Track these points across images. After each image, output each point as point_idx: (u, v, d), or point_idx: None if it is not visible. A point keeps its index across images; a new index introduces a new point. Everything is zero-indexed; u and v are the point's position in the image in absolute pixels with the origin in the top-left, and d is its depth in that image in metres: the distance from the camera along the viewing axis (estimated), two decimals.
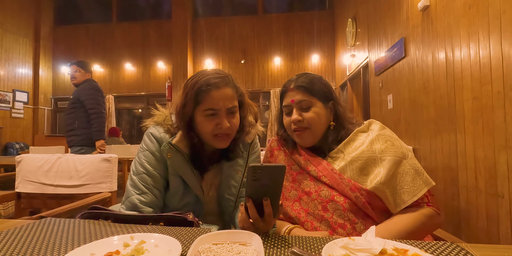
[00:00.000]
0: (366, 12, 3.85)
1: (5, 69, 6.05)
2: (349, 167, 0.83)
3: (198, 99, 0.80)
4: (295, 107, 0.89)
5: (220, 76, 0.82)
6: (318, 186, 0.84)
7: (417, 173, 0.81)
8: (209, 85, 0.79)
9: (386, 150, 0.82)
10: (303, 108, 0.88)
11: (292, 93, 0.90)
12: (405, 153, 0.83)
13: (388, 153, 0.82)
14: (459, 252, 0.53)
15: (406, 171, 0.81)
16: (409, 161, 0.82)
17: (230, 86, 0.83)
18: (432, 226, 0.82)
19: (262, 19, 6.74)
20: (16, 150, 5.78)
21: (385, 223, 0.77)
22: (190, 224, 0.72)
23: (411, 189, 0.79)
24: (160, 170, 0.86)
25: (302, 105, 0.88)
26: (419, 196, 0.79)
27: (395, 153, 0.82)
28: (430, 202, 0.82)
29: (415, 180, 0.80)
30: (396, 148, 0.83)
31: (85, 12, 7.49)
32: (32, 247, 0.55)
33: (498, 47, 1.39)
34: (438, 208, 0.81)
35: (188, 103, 0.81)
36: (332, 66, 6.39)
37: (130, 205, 0.82)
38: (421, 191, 0.79)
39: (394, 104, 2.89)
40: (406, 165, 0.82)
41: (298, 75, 0.94)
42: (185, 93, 0.82)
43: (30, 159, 1.60)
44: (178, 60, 6.32)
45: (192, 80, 0.82)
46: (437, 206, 0.82)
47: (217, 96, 0.80)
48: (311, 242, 0.59)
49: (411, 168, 0.81)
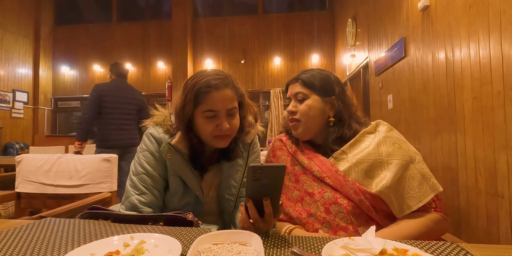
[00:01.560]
0: (366, 12, 3.85)
1: (5, 69, 6.05)
2: (354, 169, 0.81)
3: (197, 100, 0.80)
4: (293, 99, 0.92)
5: (220, 77, 0.81)
6: (322, 187, 0.83)
7: (424, 178, 0.80)
8: (209, 86, 0.79)
9: (393, 153, 0.81)
10: (299, 100, 0.90)
11: (292, 86, 0.93)
12: (412, 157, 0.82)
13: (395, 156, 0.80)
14: (459, 252, 0.53)
15: (412, 175, 0.80)
16: (416, 165, 0.81)
17: (230, 87, 0.82)
18: (439, 231, 0.80)
19: (262, 19, 6.74)
20: (16, 150, 5.78)
21: (391, 227, 0.75)
22: (189, 224, 0.72)
23: (417, 194, 0.78)
24: (160, 170, 0.86)
25: (297, 97, 0.90)
26: (424, 202, 0.78)
27: (402, 156, 0.80)
28: (438, 207, 0.80)
29: (421, 186, 0.79)
30: (404, 152, 0.82)
31: (85, 12, 7.49)
32: (32, 247, 0.55)
33: (498, 47, 1.39)
34: (445, 213, 0.80)
35: (188, 104, 0.81)
36: (332, 66, 6.39)
37: (129, 205, 0.82)
38: (427, 197, 0.78)
39: (394, 104, 2.89)
40: (413, 170, 0.80)
41: (304, 70, 0.95)
42: (184, 94, 0.82)
43: (30, 159, 1.60)
44: (178, 60, 6.32)
45: (192, 80, 0.82)
46: (444, 212, 0.81)
47: (217, 97, 0.79)
48: (311, 242, 0.59)
49: (417, 173, 0.80)
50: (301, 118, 0.89)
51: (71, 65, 7.19)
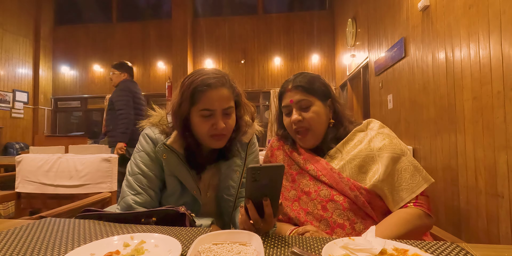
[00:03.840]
0: (366, 12, 3.85)
1: (5, 69, 6.05)
2: (347, 166, 0.83)
3: (194, 98, 0.80)
4: (294, 107, 0.89)
5: (216, 76, 0.81)
6: (318, 185, 0.84)
7: (416, 169, 0.81)
8: (206, 85, 0.79)
9: (384, 147, 0.82)
10: (303, 108, 0.88)
11: (291, 93, 0.90)
12: (403, 150, 0.83)
13: (386, 150, 0.82)
14: (459, 252, 0.53)
15: (404, 168, 0.80)
16: (408, 157, 0.82)
17: (226, 86, 0.82)
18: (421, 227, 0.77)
19: (262, 19, 6.74)
20: (16, 150, 5.78)
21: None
22: (182, 216, 0.71)
23: (410, 186, 0.79)
24: (156, 171, 0.86)
25: (301, 105, 0.88)
26: (418, 193, 0.78)
27: (393, 150, 0.82)
28: (418, 202, 0.79)
29: (414, 177, 0.80)
30: (394, 145, 0.83)
31: (85, 12, 7.49)
32: (32, 247, 0.55)
33: (498, 47, 1.39)
34: (428, 209, 0.78)
35: (184, 103, 0.81)
36: (332, 66, 6.39)
37: (125, 206, 0.82)
38: (420, 187, 0.79)
39: (394, 104, 2.89)
40: (405, 162, 0.81)
41: (296, 75, 0.93)
42: (181, 92, 0.82)
43: (30, 159, 1.60)
44: (178, 60, 6.32)
45: (188, 79, 0.82)
46: (427, 207, 0.79)
47: (213, 96, 0.79)
48: (311, 242, 0.59)
49: (410, 165, 0.81)
50: (310, 126, 0.87)
51: (71, 65, 7.19)
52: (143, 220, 0.71)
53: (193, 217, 0.73)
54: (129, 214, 0.74)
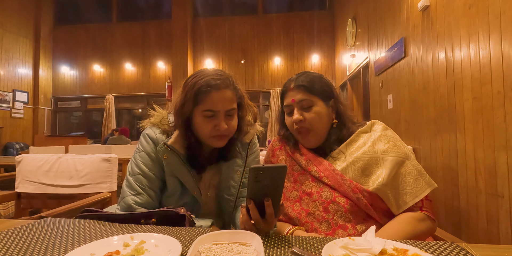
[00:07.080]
0: (366, 12, 3.85)
1: (5, 69, 6.06)
2: (350, 168, 0.82)
3: (197, 99, 0.80)
4: (296, 107, 0.88)
5: (221, 77, 0.81)
6: (320, 187, 0.84)
7: (420, 174, 0.80)
8: (209, 86, 0.79)
9: (388, 150, 0.81)
10: (304, 108, 0.87)
11: (293, 93, 0.89)
12: (407, 154, 0.82)
13: (390, 153, 0.81)
14: (459, 252, 0.53)
15: (408, 172, 0.80)
16: (412, 161, 0.81)
17: (230, 88, 0.82)
18: (426, 231, 0.78)
19: (262, 19, 6.74)
20: (16, 150, 5.78)
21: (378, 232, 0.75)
22: (182, 218, 0.71)
23: (413, 190, 0.78)
24: (156, 171, 0.86)
25: (303, 105, 0.87)
26: (421, 197, 0.78)
27: (397, 153, 0.81)
28: (424, 206, 0.80)
29: (417, 181, 0.79)
30: (399, 149, 0.82)
31: (85, 12, 7.49)
32: (32, 247, 0.55)
33: (498, 47, 1.39)
34: (432, 214, 0.79)
35: (187, 103, 0.81)
36: (332, 66, 6.39)
37: (125, 206, 0.82)
38: (423, 192, 0.78)
39: (394, 104, 2.89)
40: (409, 166, 0.81)
41: (298, 74, 0.92)
42: (184, 92, 0.82)
43: (30, 159, 1.60)
44: (178, 60, 6.33)
45: (192, 79, 0.82)
46: (432, 212, 0.80)
47: (217, 97, 0.79)
48: (311, 242, 0.59)
49: (413, 169, 0.80)
50: (311, 126, 0.87)
51: (71, 65, 7.19)
52: (143, 221, 0.71)
53: (193, 218, 0.73)
54: (129, 215, 0.74)
